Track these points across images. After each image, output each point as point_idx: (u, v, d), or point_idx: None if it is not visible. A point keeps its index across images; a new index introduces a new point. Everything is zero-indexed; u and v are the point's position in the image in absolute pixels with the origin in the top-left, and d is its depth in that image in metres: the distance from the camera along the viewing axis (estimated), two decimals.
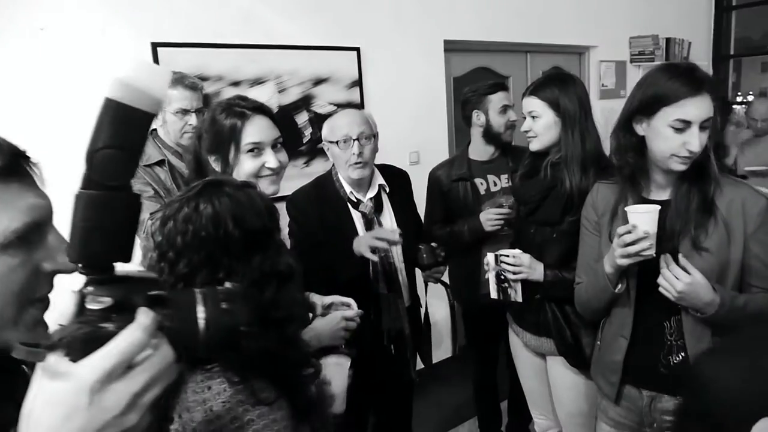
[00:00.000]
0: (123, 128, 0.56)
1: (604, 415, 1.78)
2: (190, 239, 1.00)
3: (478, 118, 2.54)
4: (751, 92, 7.38)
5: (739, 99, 6.68)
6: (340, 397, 1.52)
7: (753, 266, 1.50)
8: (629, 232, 1.46)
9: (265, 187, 1.52)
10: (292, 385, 1.04)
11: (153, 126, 0.60)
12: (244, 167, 1.52)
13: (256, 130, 1.52)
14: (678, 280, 1.44)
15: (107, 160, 0.55)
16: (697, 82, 1.44)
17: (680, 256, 1.47)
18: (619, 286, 1.60)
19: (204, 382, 0.99)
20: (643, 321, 1.62)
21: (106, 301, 0.56)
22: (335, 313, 1.60)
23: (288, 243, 2.10)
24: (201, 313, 0.60)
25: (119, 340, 0.54)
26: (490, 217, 2.38)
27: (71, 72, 2.52)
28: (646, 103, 1.50)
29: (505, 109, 2.51)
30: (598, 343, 1.78)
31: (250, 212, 1.04)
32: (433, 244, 2.12)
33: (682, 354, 1.55)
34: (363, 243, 1.90)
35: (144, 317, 0.55)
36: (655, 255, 1.48)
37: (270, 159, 1.53)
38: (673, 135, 1.45)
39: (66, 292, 0.62)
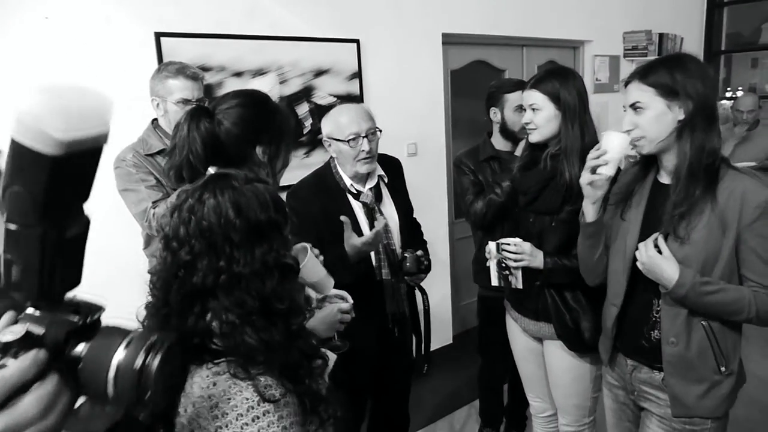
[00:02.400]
0: (20, 168, 0.53)
1: (605, 380, 1.91)
2: (193, 228, 1.02)
3: (495, 114, 2.59)
4: (740, 87, 7.47)
5: (728, 94, 6.78)
6: (325, 281, 1.59)
7: (747, 259, 1.52)
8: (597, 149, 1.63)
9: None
10: (300, 379, 1.05)
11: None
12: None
13: None
14: (644, 253, 1.57)
15: (13, 199, 0.54)
16: (631, 74, 1.62)
17: (659, 236, 1.58)
18: (592, 217, 1.71)
19: (210, 378, 1.00)
20: (636, 295, 1.71)
21: (17, 331, 0.55)
22: (332, 306, 1.62)
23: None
24: (116, 357, 0.58)
25: None
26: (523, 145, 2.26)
27: (75, 61, 2.54)
28: None
29: (521, 108, 2.53)
30: None
31: (255, 204, 1.05)
32: (419, 252, 2.14)
33: (660, 332, 1.64)
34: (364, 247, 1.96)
35: (16, 364, 0.54)
36: (611, 174, 1.62)
37: None
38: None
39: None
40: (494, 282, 2.05)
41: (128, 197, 2.22)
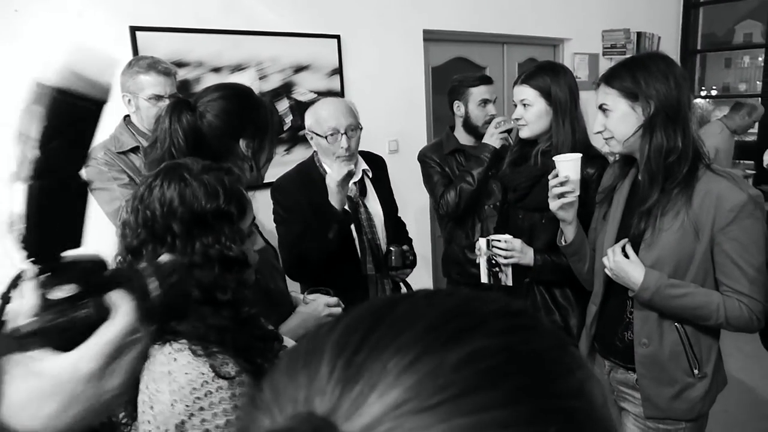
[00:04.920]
0: (67, 122, 0.54)
1: None
2: (141, 217, 1.06)
3: (458, 108, 2.56)
4: (714, 87, 7.60)
5: (703, 93, 6.89)
6: None
7: (721, 263, 1.49)
8: (556, 176, 1.68)
9: None
10: (254, 362, 1.08)
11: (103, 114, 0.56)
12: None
13: None
14: (611, 258, 1.58)
15: (57, 151, 0.53)
16: (599, 77, 1.65)
17: (626, 240, 1.59)
18: (563, 239, 1.80)
19: (171, 354, 1.03)
20: (613, 296, 1.71)
21: (71, 288, 0.54)
22: (318, 299, 1.62)
23: (276, 232, 2.10)
24: (154, 287, 0.62)
25: (112, 327, 0.54)
26: (492, 132, 2.37)
27: (46, 56, 2.45)
28: None
29: (484, 102, 2.52)
30: None
31: (201, 194, 1.06)
32: (404, 247, 2.13)
33: (632, 333, 1.63)
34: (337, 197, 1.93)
35: (125, 302, 0.56)
36: (576, 195, 1.70)
37: None
38: None
39: None
40: (484, 279, 2.02)
41: (100, 196, 2.13)
